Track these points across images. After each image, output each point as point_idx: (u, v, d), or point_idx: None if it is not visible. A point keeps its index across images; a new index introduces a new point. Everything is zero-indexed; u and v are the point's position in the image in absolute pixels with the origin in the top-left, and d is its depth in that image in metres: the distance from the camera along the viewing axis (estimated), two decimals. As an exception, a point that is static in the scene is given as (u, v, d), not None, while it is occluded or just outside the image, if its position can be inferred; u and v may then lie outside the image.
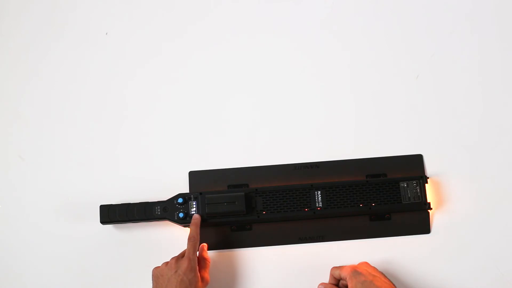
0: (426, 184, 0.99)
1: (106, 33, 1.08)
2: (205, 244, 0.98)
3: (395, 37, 1.08)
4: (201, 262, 0.95)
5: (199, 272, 0.93)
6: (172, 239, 1.00)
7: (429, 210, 1.00)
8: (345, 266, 0.94)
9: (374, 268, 0.94)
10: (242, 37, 1.08)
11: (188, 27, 1.09)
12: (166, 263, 0.93)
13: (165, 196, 0.99)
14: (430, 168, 1.03)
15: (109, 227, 1.01)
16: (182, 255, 0.93)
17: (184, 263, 0.91)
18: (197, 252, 0.94)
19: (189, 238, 0.94)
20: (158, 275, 0.92)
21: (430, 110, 1.05)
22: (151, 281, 0.93)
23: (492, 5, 1.09)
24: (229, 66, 1.07)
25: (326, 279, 0.96)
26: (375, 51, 1.08)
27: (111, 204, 0.99)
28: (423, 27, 1.08)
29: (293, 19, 1.09)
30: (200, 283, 0.92)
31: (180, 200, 0.98)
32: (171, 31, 1.08)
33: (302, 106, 1.06)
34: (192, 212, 0.98)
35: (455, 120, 1.05)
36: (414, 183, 1.00)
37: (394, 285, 0.90)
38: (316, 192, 0.99)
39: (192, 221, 0.96)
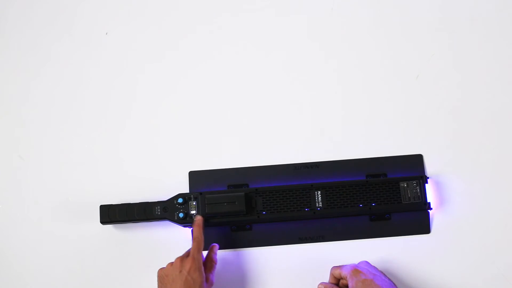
0: (426, 184, 0.99)
1: (106, 33, 1.08)
2: (216, 244, 0.98)
3: (395, 37, 1.08)
4: (207, 263, 0.95)
5: (204, 273, 0.92)
6: (172, 239, 1.00)
7: (429, 210, 1.00)
8: (346, 265, 0.93)
9: (374, 267, 0.94)
10: (242, 38, 1.08)
11: (188, 29, 1.09)
12: (171, 263, 0.92)
13: (165, 196, 0.99)
14: (430, 168, 1.03)
15: (109, 227, 1.01)
16: (187, 255, 0.93)
17: (188, 263, 0.90)
18: (205, 252, 0.93)
19: (194, 239, 0.94)
20: (163, 275, 0.91)
21: (430, 110, 1.05)
22: (156, 283, 0.92)
23: (492, 5, 1.09)
24: (229, 66, 1.07)
25: (326, 279, 0.96)
26: (375, 51, 1.08)
27: (111, 204, 0.99)
28: (423, 27, 1.08)
29: (293, 19, 1.09)
30: (204, 284, 0.91)
31: (180, 200, 0.98)
32: (171, 33, 1.08)
33: (302, 106, 1.06)
34: (192, 212, 0.98)
35: (455, 120, 1.05)
36: (414, 183, 1.00)
37: (394, 284, 0.90)
38: (316, 192, 0.99)
39: (195, 222, 0.96)
